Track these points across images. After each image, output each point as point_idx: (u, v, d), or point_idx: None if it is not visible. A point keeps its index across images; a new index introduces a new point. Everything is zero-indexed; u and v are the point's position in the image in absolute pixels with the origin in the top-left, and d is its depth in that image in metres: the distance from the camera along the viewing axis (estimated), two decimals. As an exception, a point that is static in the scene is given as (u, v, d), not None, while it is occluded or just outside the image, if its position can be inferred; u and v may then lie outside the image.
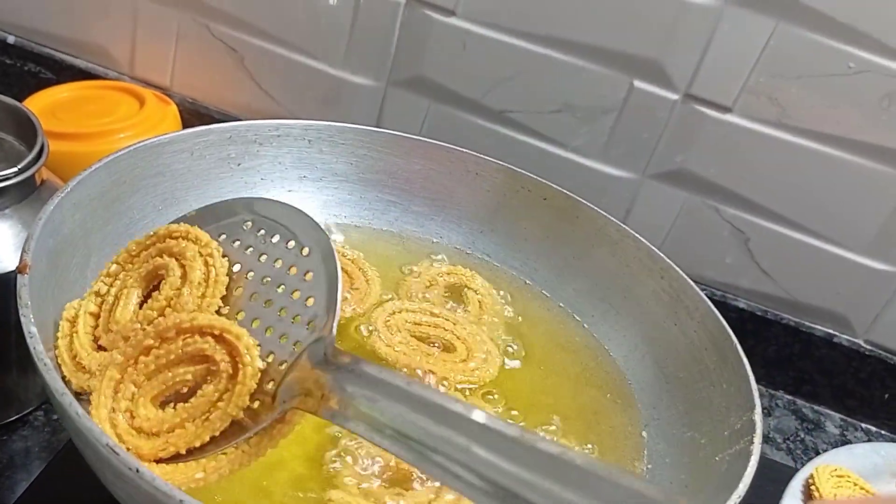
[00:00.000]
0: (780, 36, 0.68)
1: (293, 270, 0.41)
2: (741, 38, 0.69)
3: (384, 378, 0.34)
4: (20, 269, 0.38)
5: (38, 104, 0.72)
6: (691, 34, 0.69)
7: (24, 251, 0.39)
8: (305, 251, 0.41)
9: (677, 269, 0.55)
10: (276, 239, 0.42)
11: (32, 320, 0.35)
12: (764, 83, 0.70)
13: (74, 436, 0.34)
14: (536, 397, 0.52)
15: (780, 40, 0.68)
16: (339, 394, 0.34)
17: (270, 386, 0.37)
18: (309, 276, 0.40)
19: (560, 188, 0.61)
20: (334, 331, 0.38)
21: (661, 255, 0.56)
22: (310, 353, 0.37)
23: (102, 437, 0.32)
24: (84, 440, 0.33)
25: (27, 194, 0.52)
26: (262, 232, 0.42)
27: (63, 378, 0.39)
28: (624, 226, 0.58)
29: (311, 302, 0.39)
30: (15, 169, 0.50)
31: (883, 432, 0.80)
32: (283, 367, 0.37)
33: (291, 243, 0.42)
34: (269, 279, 0.41)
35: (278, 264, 0.41)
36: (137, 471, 0.31)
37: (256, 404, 0.37)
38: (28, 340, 0.35)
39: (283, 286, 0.40)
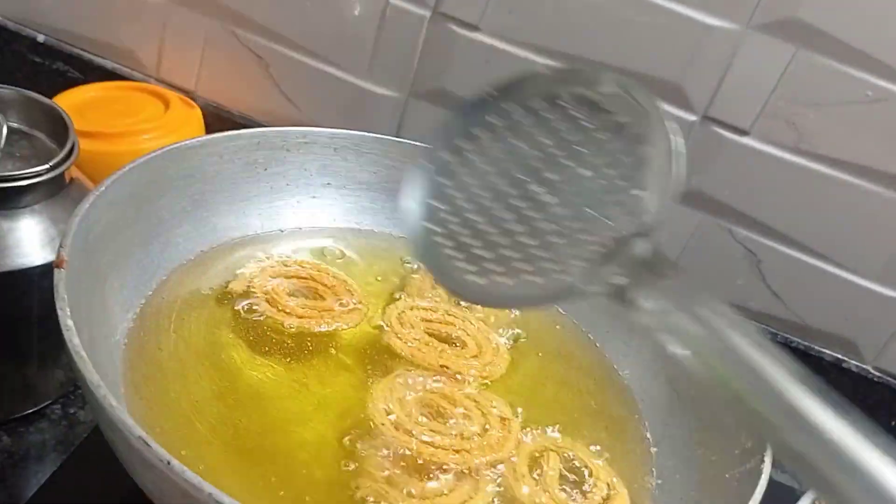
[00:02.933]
0: (800, 62, 0.68)
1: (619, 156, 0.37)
2: (761, 63, 0.69)
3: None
4: (57, 264, 0.39)
5: (66, 103, 0.73)
6: (711, 57, 0.70)
7: (60, 246, 0.40)
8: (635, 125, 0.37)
9: (693, 287, 0.55)
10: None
11: (69, 314, 0.36)
12: (782, 108, 0.70)
13: (106, 427, 0.35)
14: (547, 402, 0.54)
15: (800, 66, 0.68)
16: (654, 303, 0.34)
17: (581, 264, 0.36)
18: (632, 157, 0.37)
19: (579, 204, 0.61)
20: (662, 225, 0.35)
21: (677, 273, 0.57)
22: (634, 247, 0.35)
23: (135, 430, 0.32)
24: (116, 432, 0.33)
25: (56, 191, 0.53)
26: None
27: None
28: (641, 244, 0.59)
29: (637, 192, 0.36)
30: (47, 166, 0.51)
31: (888, 459, 0.80)
32: (601, 251, 0.36)
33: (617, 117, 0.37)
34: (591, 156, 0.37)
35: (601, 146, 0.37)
36: (169, 463, 0.32)
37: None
38: (65, 333, 0.36)
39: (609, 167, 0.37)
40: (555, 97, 0.39)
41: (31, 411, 0.57)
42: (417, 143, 0.62)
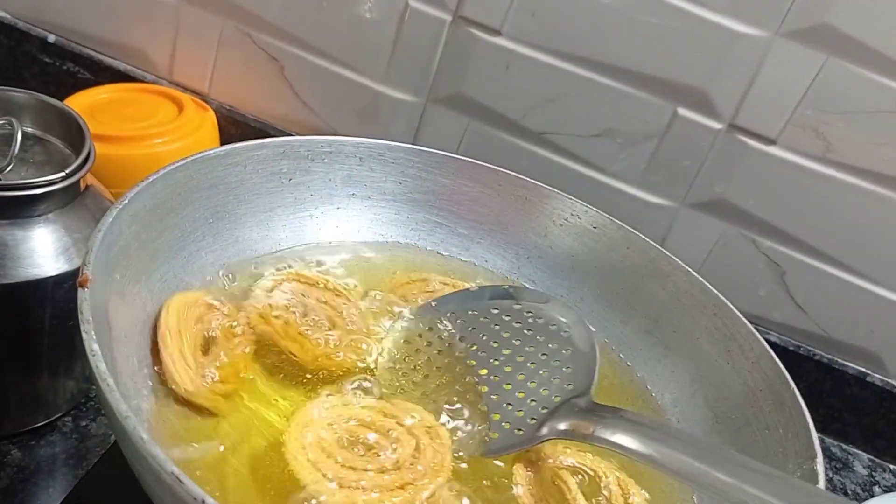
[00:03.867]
0: (830, 70, 0.67)
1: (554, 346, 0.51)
2: (789, 71, 0.68)
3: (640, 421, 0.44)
4: (81, 284, 0.37)
5: (77, 105, 0.72)
6: (739, 64, 0.69)
7: (84, 264, 0.38)
8: (565, 331, 0.52)
9: (731, 306, 0.54)
10: (541, 321, 0.53)
11: (95, 337, 0.34)
12: (810, 117, 0.69)
13: (135, 461, 0.33)
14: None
15: (829, 74, 0.67)
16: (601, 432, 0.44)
17: (533, 421, 0.46)
18: (567, 351, 0.51)
19: (612, 218, 0.60)
20: (592, 390, 0.47)
21: (715, 291, 0.55)
22: (571, 404, 0.46)
23: (167, 465, 0.31)
24: (147, 466, 0.32)
25: (71, 199, 0.51)
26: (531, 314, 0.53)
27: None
28: (676, 259, 0.58)
29: (569, 370, 0.49)
30: (63, 174, 0.49)
31: (912, 475, 0.79)
32: (545, 411, 0.47)
33: (553, 325, 0.52)
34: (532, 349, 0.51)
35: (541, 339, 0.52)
36: (203, 502, 0.30)
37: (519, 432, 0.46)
38: (90, 359, 0.34)
39: (545, 356, 0.51)
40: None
41: (41, 424, 0.55)
42: (443, 153, 0.61)
